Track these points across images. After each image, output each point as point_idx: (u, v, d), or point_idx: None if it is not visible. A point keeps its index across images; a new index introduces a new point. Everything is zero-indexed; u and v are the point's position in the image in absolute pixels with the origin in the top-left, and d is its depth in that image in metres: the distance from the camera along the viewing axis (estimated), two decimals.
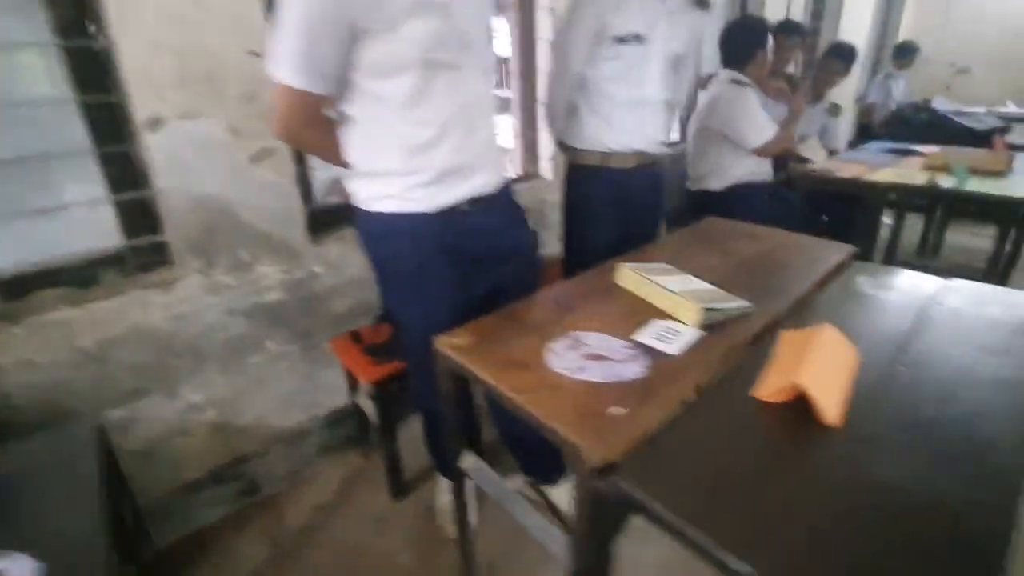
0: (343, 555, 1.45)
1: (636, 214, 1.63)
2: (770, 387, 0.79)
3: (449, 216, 1.03)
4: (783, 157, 2.73)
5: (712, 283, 1.10)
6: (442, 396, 1.00)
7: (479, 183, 1.05)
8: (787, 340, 0.89)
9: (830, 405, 0.74)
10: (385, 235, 1.05)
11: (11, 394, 1.18)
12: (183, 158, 1.26)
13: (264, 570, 1.42)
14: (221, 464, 1.55)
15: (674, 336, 0.93)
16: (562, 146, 1.67)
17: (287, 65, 0.87)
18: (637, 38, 1.46)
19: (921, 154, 2.48)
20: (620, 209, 1.60)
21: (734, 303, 0.99)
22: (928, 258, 2.68)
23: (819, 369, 0.78)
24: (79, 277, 1.27)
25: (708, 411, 0.77)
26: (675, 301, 0.99)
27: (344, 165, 1.04)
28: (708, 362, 0.86)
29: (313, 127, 0.98)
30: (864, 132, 4.26)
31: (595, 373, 0.83)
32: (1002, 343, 0.91)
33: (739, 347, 0.92)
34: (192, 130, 1.25)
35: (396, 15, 0.84)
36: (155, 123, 1.21)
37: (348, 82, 0.93)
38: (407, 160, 0.97)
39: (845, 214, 2.81)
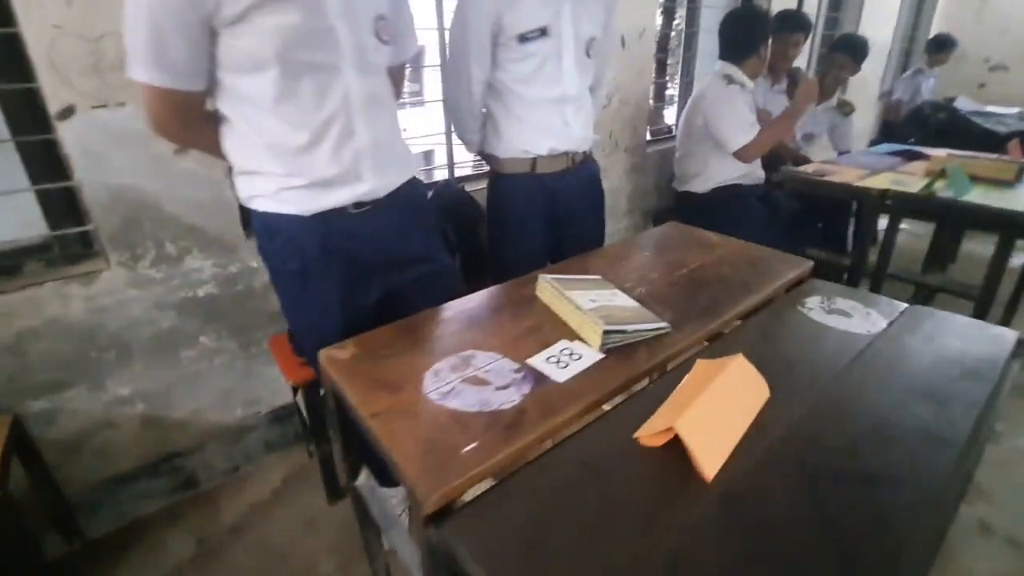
0: (266, 557, 1.42)
1: (573, 218, 1.54)
2: (650, 429, 0.70)
3: (329, 218, 0.96)
4: (780, 158, 2.58)
5: (640, 298, 1.02)
6: (327, 411, 0.94)
7: (363, 190, 0.98)
8: (699, 370, 0.80)
9: (708, 457, 0.65)
10: (267, 234, 0.98)
11: None
12: (98, 148, 1.21)
13: (186, 568, 1.39)
14: (155, 457, 1.52)
15: (572, 360, 0.85)
16: (484, 156, 1.53)
17: (140, 62, 0.80)
18: (542, 32, 1.29)
19: (927, 157, 2.30)
20: (553, 216, 1.50)
21: (646, 324, 0.90)
22: (933, 272, 2.50)
23: (709, 411, 0.69)
24: (1, 266, 1.24)
25: (578, 452, 0.70)
26: (582, 320, 0.91)
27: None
28: (600, 392, 0.78)
29: (190, 126, 0.92)
30: (888, 131, 4.02)
31: (465, 400, 0.76)
32: (943, 389, 0.80)
33: (640, 376, 0.83)
34: (107, 119, 1.20)
35: (246, 7, 0.77)
36: (66, 112, 1.16)
37: (214, 78, 0.86)
38: (279, 162, 0.90)
39: (843, 221, 2.65)
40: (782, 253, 1.28)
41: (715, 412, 0.70)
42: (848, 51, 2.63)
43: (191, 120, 0.91)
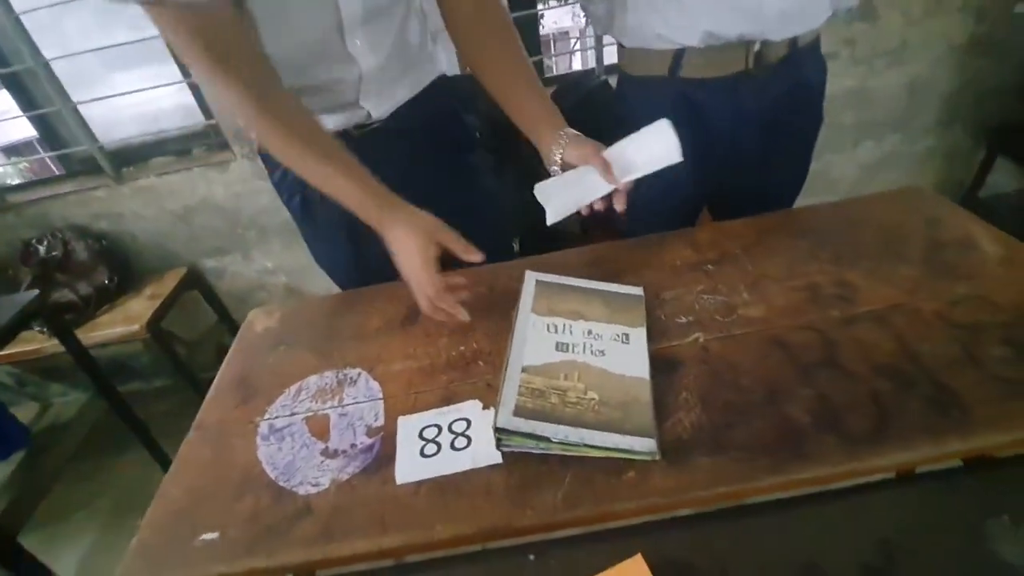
0: None
1: (742, 165, 0.88)
2: None
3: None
4: None
5: (686, 356, 0.57)
6: None
7: (361, 114, 0.75)
8: None
9: None
10: (269, 165, 0.86)
11: (136, 235, 1.56)
12: None
13: None
14: None
15: (451, 447, 0.53)
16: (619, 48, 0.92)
17: None
18: None
19: None
20: (706, 153, 0.85)
21: (604, 436, 0.49)
22: None
23: None
24: (175, 149, 1.49)
25: None
26: (508, 377, 0.55)
27: None
28: (431, 530, 0.48)
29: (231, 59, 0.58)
30: None
31: (275, 454, 0.56)
32: None
33: (538, 527, 0.47)
34: None
35: None
36: None
37: None
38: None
39: None
40: None
41: None
42: None
43: (228, 53, 0.59)
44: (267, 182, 1.41)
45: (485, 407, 0.56)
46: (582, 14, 1.17)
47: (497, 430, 0.49)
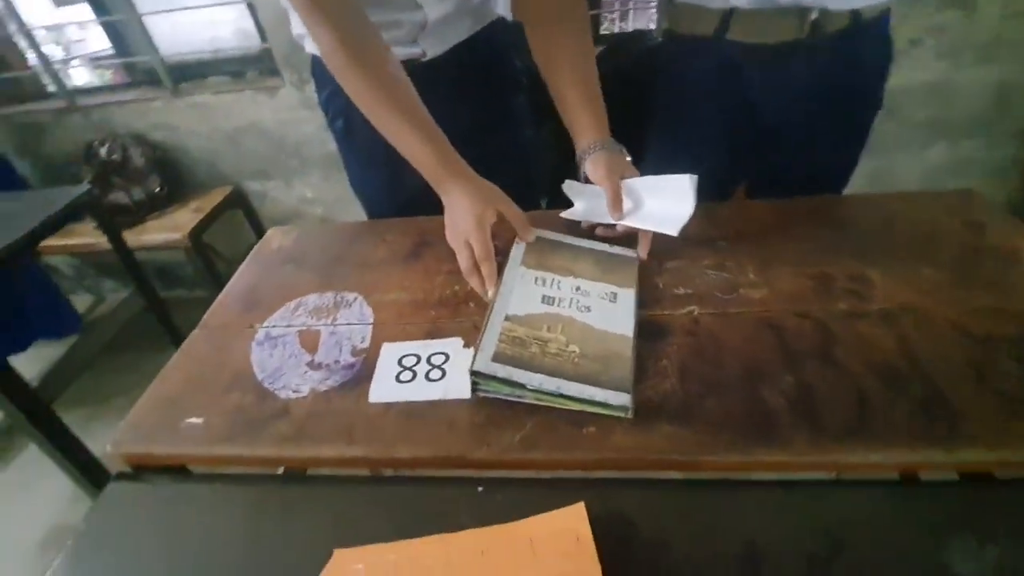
0: None
1: (783, 136, 0.82)
2: None
3: None
4: None
5: (675, 326, 0.56)
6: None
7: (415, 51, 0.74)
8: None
9: None
10: (318, 83, 0.88)
11: (189, 150, 1.63)
12: None
13: None
14: None
15: (427, 378, 0.55)
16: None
17: None
18: None
19: None
20: (745, 124, 0.82)
21: (580, 387, 0.49)
22: None
23: None
24: (230, 70, 1.53)
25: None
26: (491, 324, 0.56)
27: None
28: (389, 451, 0.50)
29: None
30: None
31: (266, 358, 0.59)
32: None
33: (492, 463, 0.49)
34: None
35: None
36: None
37: None
38: None
39: None
40: None
41: None
42: None
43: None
44: (313, 112, 1.46)
45: (466, 345, 0.57)
46: None
47: (473, 373, 0.50)
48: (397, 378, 0.55)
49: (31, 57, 1.58)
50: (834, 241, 0.65)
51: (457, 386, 0.53)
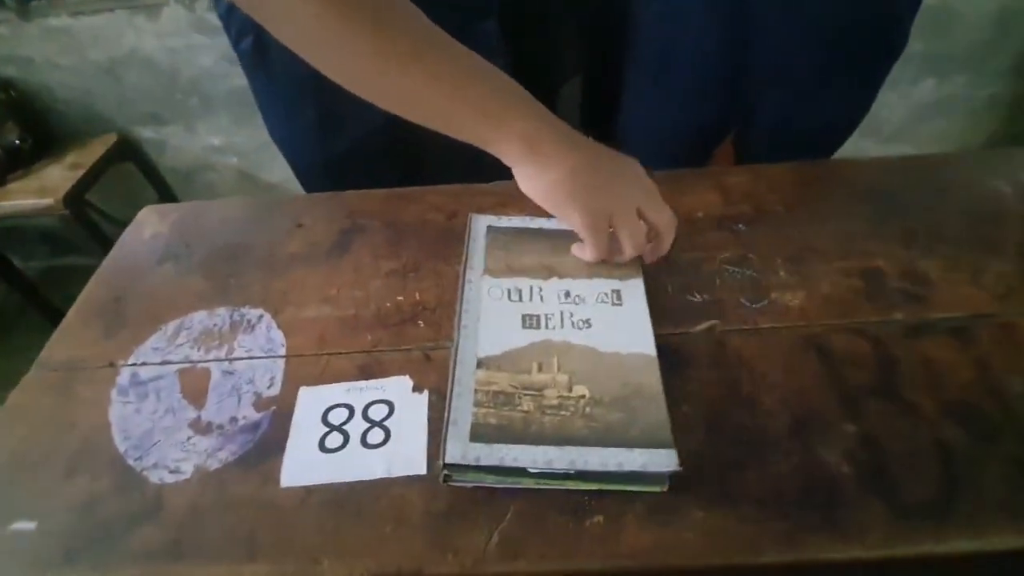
0: None
1: (781, 63, 0.67)
2: None
3: None
4: None
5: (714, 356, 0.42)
6: None
7: None
8: None
9: None
10: None
11: (53, 89, 1.30)
12: None
13: None
14: None
15: (386, 440, 0.39)
16: None
17: None
18: None
19: None
20: (740, 46, 0.66)
21: (608, 458, 0.34)
22: None
23: None
24: None
25: None
26: (458, 377, 0.40)
27: None
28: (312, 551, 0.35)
29: None
30: None
31: (130, 416, 0.42)
32: None
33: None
34: None
35: None
36: None
37: None
38: None
39: None
40: None
41: None
42: None
43: None
44: (211, 38, 1.17)
45: (417, 389, 0.42)
46: None
47: (447, 467, 0.35)
48: (321, 444, 0.39)
49: None
50: (874, 220, 0.52)
51: (406, 455, 0.38)
